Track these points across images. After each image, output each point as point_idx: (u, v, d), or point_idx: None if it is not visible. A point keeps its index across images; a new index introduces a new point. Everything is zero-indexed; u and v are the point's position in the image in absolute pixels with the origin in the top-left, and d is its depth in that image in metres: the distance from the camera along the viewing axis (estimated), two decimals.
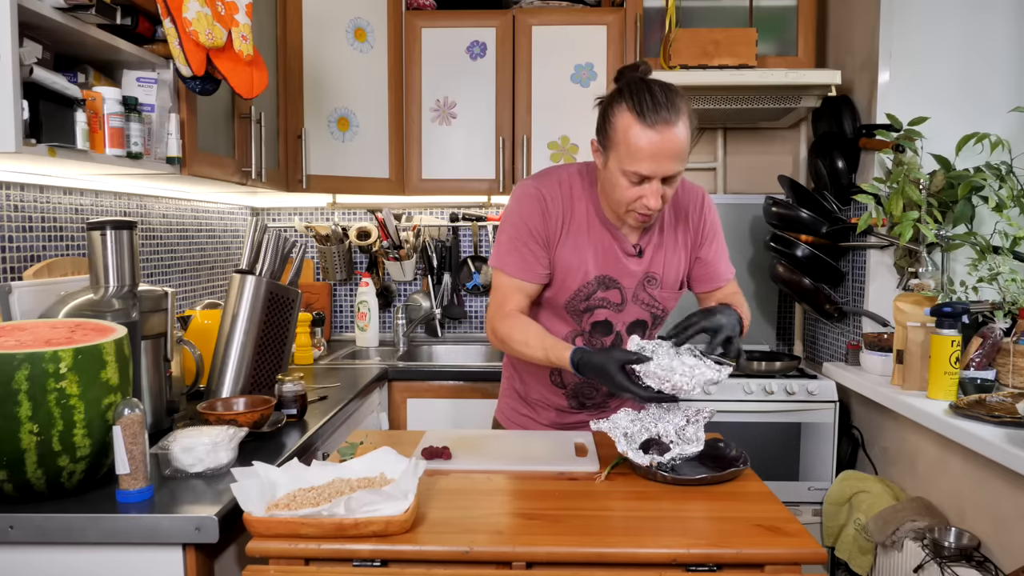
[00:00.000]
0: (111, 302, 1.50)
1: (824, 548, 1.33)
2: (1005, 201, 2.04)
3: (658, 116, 1.31)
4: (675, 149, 1.33)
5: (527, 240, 1.49)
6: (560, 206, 1.50)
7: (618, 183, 1.39)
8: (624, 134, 1.34)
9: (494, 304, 1.54)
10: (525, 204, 1.51)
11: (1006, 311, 1.95)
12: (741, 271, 2.90)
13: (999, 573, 1.66)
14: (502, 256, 1.52)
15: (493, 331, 1.53)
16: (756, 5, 2.63)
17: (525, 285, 1.52)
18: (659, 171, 1.34)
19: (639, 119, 1.32)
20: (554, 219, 1.49)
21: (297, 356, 2.50)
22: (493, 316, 1.53)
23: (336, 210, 3.08)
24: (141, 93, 1.67)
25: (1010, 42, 2.27)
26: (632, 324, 1.57)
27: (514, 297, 1.52)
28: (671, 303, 1.59)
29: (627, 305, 1.55)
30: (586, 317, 1.55)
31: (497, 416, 1.79)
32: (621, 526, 1.11)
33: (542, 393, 1.67)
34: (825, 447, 2.37)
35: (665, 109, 1.31)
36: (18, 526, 1.13)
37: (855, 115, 2.47)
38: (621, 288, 1.54)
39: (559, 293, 1.54)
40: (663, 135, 1.31)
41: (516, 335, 1.48)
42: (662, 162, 1.33)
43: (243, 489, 1.06)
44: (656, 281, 1.55)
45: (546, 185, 1.52)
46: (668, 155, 1.33)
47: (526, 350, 1.46)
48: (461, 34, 2.73)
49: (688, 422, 1.35)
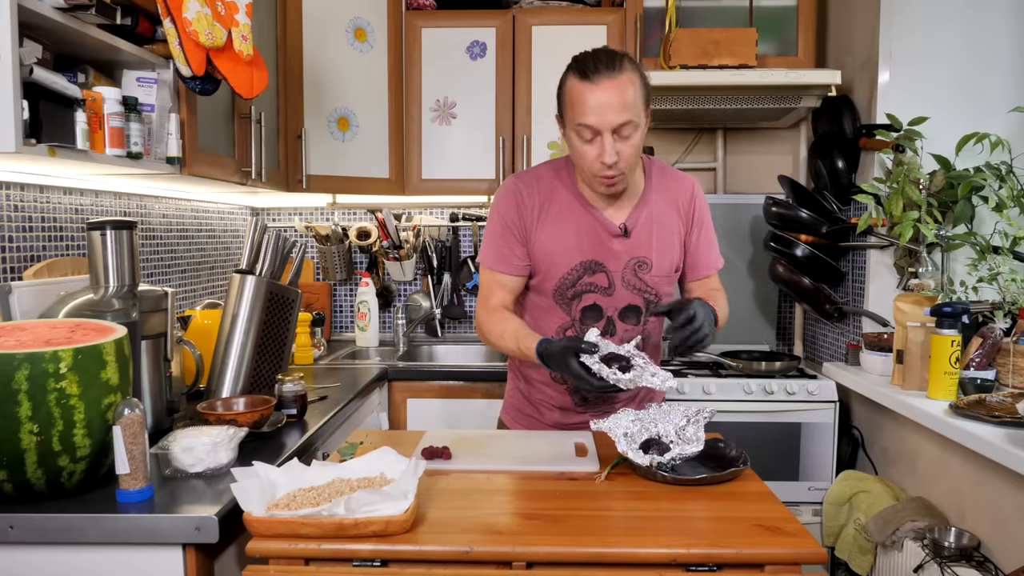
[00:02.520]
0: (111, 302, 1.50)
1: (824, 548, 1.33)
2: (1005, 201, 2.04)
3: (598, 72, 1.38)
4: (617, 101, 1.38)
5: (503, 233, 1.56)
6: (537, 197, 1.55)
7: (575, 146, 1.45)
8: (570, 94, 1.43)
9: (480, 299, 1.62)
10: (501, 199, 1.58)
11: (1006, 311, 1.95)
12: (741, 271, 2.91)
13: (999, 573, 1.66)
14: (483, 251, 1.61)
15: (478, 325, 1.61)
16: (756, 5, 2.63)
17: (505, 278, 1.58)
18: (604, 122, 1.39)
19: (581, 78, 1.40)
20: (529, 209, 1.55)
21: (297, 356, 2.50)
22: (479, 310, 1.61)
23: (336, 210, 3.08)
24: (141, 93, 1.67)
25: (1010, 42, 2.27)
26: (624, 309, 1.59)
27: (496, 292, 1.59)
28: (664, 287, 1.61)
29: (616, 289, 1.57)
30: (575, 304, 1.58)
31: (502, 416, 1.81)
32: (621, 526, 1.11)
33: (545, 392, 1.67)
34: (825, 447, 2.37)
35: (605, 66, 1.39)
36: (18, 526, 1.13)
37: (855, 115, 2.47)
38: (608, 272, 1.56)
39: (545, 281, 1.57)
40: (603, 86, 1.38)
41: (495, 329, 1.55)
42: (605, 113, 1.38)
43: (243, 489, 1.06)
44: (647, 266, 1.57)
45: (524, 179, 1.59)
46: (610, 106, 1.38)
47: (501, 343, 1.53)
48: (461, 34, 2.73)
49: (688, 422, 1.36)
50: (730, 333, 2.89)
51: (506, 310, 1.58)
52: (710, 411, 1.37)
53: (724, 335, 2.87)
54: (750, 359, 2.55)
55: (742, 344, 2.87)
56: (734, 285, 2.92)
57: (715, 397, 2.36)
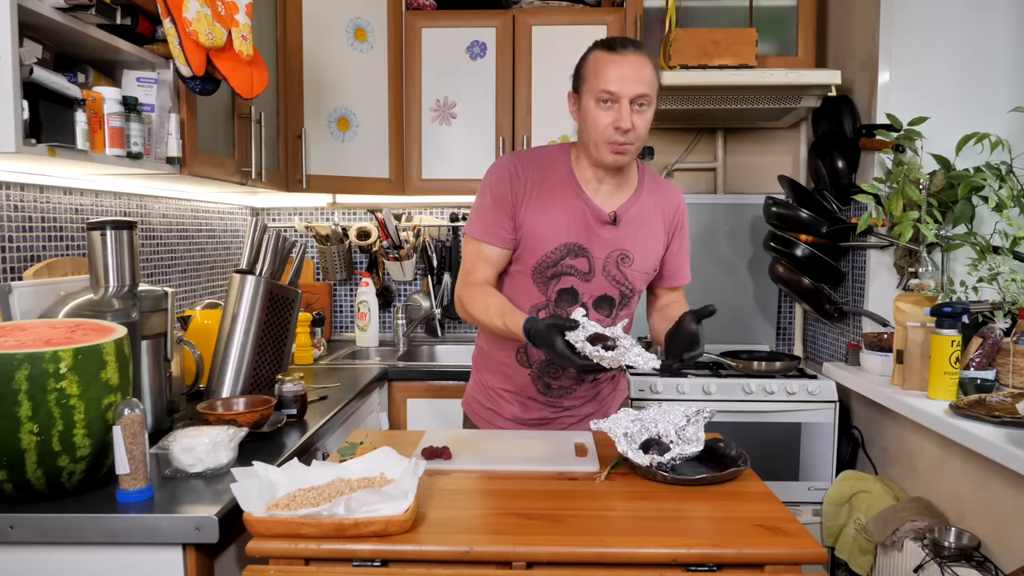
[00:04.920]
0: (111, 302, 1.50)
1: (824, 548, 1.33)
2: (1005, 201, 2.04)
3: (625, 47, 1.48)
4: (640, 74, 1.46)
5: (492, 204, 1.57)
6: (531, 173, 1.58)
7: (591, 114, 1.50)
8: (594, 65, 1.50)
9: (462, 272, 1.62)
10: (493, 173, 1.60)
11: (1006, 311, 1.95)
12: (741, 271, 2.91)
13: (999, 573, 1.66)
14: (470, 221, 1.62)
15: (458, 298, 1.61)
16: (756, 5, 2.63)
17: (491, 251, 1.58)
18: (626, 89, 1.45)
19: (607, 50, 1.49)
20: (521, 183, 1.57)
21: (297, 356, 2.50)
22: (459, 284, 1.61)
23: (336, 210, 3.08)
24: (141, 93, 1.67)
25: (1010, 42, 2.26)
26: (599, 299, 1.60)
27: (480, 266, 1.59)
28: (640, 284, 1.64)
29: (595, 276, 1.58)
30: (553, 284, 1.59)
31: (463, 406, 1.82)
32: (621, 526, 1.11)
33: (508, 376, 1.67)
34: (825, 447, 2.37)
35: (631, 44, 1.49)
36: (18, 526, 1.13)
37: (855, 115, 2.47)
38: (590, 258, 1.58)
39: (527, 256, 1.58)
40: (628, 59, 1.47)
41: (478, 302, 1.54)
42: (628, 82, 1.46)
43: (243, 489, 1.06)
44: (630, 259, 1.59)
45: (519, 156, 1.62)
46: (634, 77, 1.46)
47: (485, 317, 1.52)
48: (461, 34, 2.73)
49: (688, 422, 1.36)
50: (730, 333, 2.89)
51: (489, 285, 1.58)
52: (710, 411, 1.37)
53: (724, 335, 2.87)
54: (750, 359, 2.55)
55: (742, 344, 2.87)
56: (734, 285, 2.92)
57: (715, 397, 2.36)
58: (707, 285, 2.88)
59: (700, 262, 2.86)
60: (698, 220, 2.87)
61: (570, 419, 1.69)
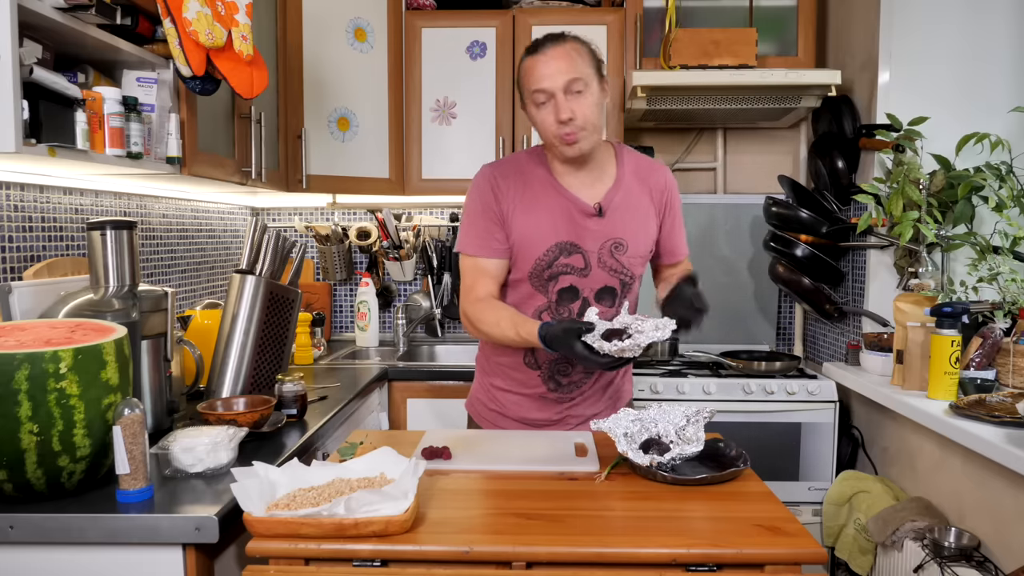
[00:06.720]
0: (111, 302, 1.50)
1: (824, 548, 1.33)
2: (1005, 201, 2.04)
3: (543, 45, 1.51)
4: (563, 64, 1.48)
5: (480, 217, 1.58)
6: (513, 181, 1.59)
7: (535, 118, 1.53)
8: (523, 73, 1.53)
9: (463, 289, 1.62)
10: (476, 187, 1.63)
11: (1006, 311, 1.95)
12: (741, 271, 2.91)
13: (999, 573, 1.66)
14: (461, 239, 1.62)
15: (464, 315, 1.60)
16: (756, 5, 2.63)
17: (487, 264, 1.59)
18: (553, 83, 1.48)
19: (530, 55, 1.52)
20: (504, 192, 1.58)
21: (297, 356, 2.50)
22: (463, 301, 1.61)
23: (336, 210, 3.07)
24: (141, 93, 1.67)
25: (1010, 42, 2.27)
26: (600, 291, 1.61)
27: (481, 281, 1.59)
28: (638, 269, 1.64)
29: (592, 270, 1.59)
30: (551, 286, 1.59)
31: (467, 407, 1.82)
32: (621, 526, 1.11)
33: (517, 379, 1.67)
34: (825, 447, 2.37)
35: (550, 40, 1.51)
36: (18, 526, 1.13)
37: (855, 115, 2.47)
38: (584, 253, 1.58)
39: (521, 262, 1.58)
40: (548, 54, 1.50)
41: (487, 317, 1.54)
42: (554, 75, 1.48)
43: (243, 489, 1.06)
44: (624, 247, 1.60)
45: (498, 167, 1.62)
46: (558, 68, 1.48)
47: (496, 331, 1.53)
48: (461, 34, 2.73)
49: (688, 422, 1.36)
50: (730, 333, 2.89)
51: (493, 298, 1.58)
52: (710, 411, 1.37)
53: (724, 335, 2.87)
54: (750, 359, 2.55)
55: (742, 344, 2.87)
56: (734, 285, 2.92)
57: (715, 397, 2.36)
58: (707, 285, 2.82)
59: (700, 262, 2.86)
60: (698, 220, 2.87)
61: (575, 420, 1.69)
